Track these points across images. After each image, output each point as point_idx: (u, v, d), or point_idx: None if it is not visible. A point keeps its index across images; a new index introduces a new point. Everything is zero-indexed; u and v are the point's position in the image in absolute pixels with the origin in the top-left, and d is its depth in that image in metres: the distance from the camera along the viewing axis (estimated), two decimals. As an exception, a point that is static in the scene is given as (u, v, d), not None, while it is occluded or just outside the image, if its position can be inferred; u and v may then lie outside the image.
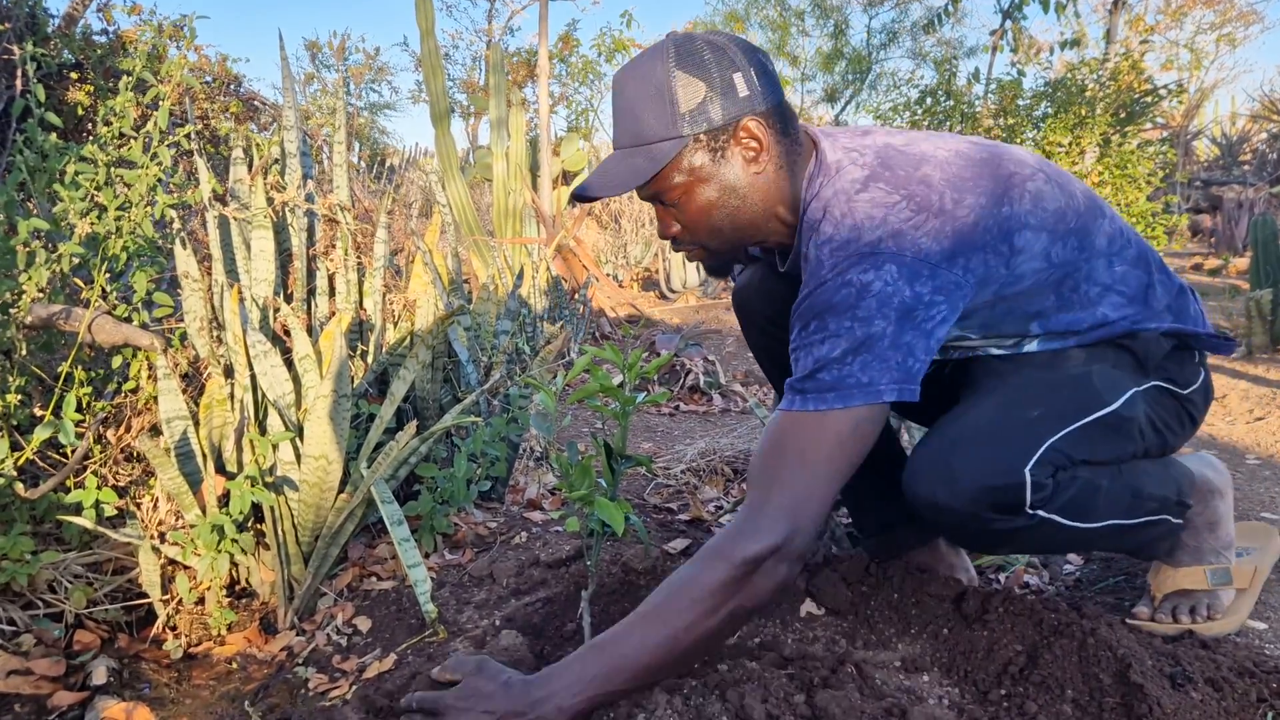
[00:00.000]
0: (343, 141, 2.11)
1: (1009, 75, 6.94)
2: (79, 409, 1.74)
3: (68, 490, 1.64)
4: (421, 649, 1.46)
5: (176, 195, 1.94)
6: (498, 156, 5.96)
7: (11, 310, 1.71)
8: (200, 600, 1.68)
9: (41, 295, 1.75)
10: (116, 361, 1.81)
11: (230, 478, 1.66)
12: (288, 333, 1.82)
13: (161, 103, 1.86)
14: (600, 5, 32.34)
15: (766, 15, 17.83)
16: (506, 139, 5.98)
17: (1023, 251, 1.19)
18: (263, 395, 1.72)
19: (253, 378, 1.72)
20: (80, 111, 4.27)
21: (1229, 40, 15.14)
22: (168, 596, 1.65)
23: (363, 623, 1.60)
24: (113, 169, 1.83)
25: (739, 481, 2.51)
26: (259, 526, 1.75)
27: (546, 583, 1.65)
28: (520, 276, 3.06)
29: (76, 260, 1.79)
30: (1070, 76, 6.52)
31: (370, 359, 1.98)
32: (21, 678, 1.42)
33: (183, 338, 1.84)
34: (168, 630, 1.65)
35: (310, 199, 2.04)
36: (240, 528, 1.63)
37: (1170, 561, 1.43)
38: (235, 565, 1.74)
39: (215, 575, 1.61)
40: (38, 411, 1.74)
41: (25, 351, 1.76)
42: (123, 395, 1.82)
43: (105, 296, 1.83)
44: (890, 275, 1.10)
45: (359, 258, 2.07)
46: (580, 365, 1.35)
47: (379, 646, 1.51)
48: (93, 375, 1.83)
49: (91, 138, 1.84)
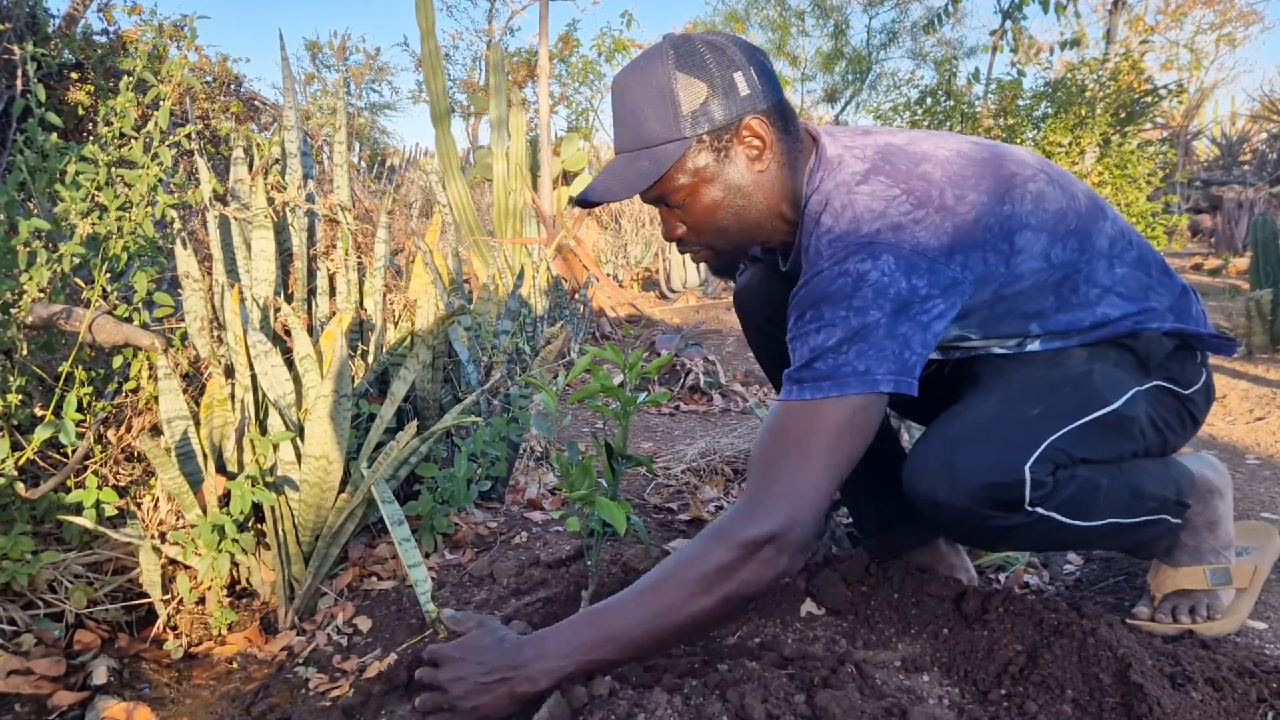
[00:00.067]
0: (343, 141, 2.12)
1: (1009, 75, 6.95)
2: (79, 409, 1.74)
3: (68, 490, 1.64)
4: (422, 649, 1.46)
5: (177, 195, 1.95)
6: (498, 156, 5.97)
7: (12, 310, 1.71)
8: (201, 600, 1.68)
9: (42, 295, 1.75)
10: (117, 361, 1.81)
11: (231, 477, 1.66)
12: (288, 333, 1.82)
13: (162, 103, 1.86)
14: (600, 5, 32.33)
15: (766, 15, 17.84)
16: (507, 139, 5.98)
17: (1023, 251, 1.19)
18: (263, 395, 1.72)
19: (253, 378, 1.72)
20: (81, 111, 4.27)
21: (1229, 40, 15.15)
22: (168, 596, 1.66)
23: (363, 622, 1.60)
24: (113, 169, 1.83)
25: (739, 481, 2.51)
26: (259, 526, 1.75)
27: (547, 582, 1.65)
28: (520, 276, 3.06)
29: (77, 260, 1.79)
30: (1070, 76, 6.53)
31: (371, 359, 1.98)
32: (22, 677, 1.42)
33: (183, 337, 1.84)
34: (168, 630, 1.65)
35: (311, 199, 2.04)
36: (241, 527, 1.63)
37: (1170, 561, 1.43)
38: (236, 565, 1.74)
39: (216, 575, 1.61)
40: (38, 411, 1.74)
41: (26, 351, 1.76)
42: (123, 395, 1.82)
43: (106, 296, 1.83)
44: (887, 266, 1.10)
45: (359, 258, 2.07)
46: (581, 365, 1.35)
47: (379, 646, 1.51)
48: (93, 375, 1.83)
49: (92, 138, 1.84)
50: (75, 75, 4.46)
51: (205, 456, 1.69)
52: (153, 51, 3.56)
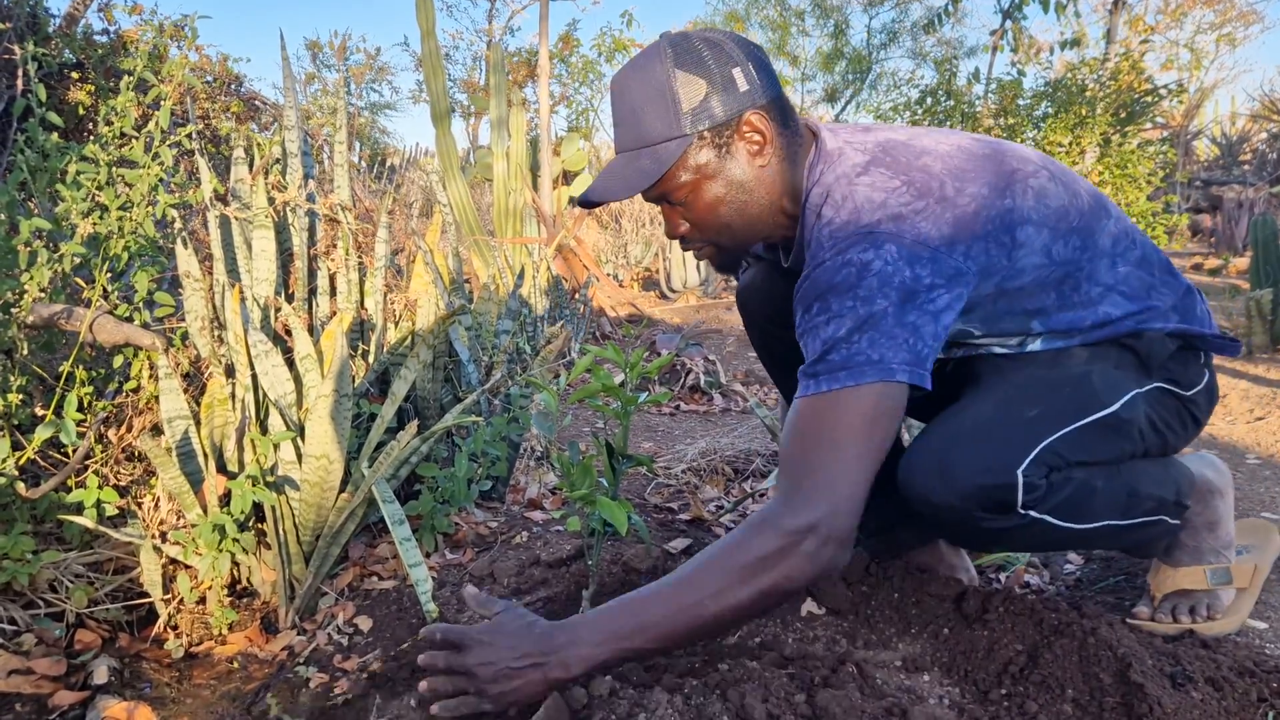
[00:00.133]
0: (344, 141, 2.12)
1: (1009, 75, 6.95)
2: (80, 408, 1.74)
3: (69, 490, 1.64)
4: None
5: (178, 195, 1.95)
6: (498, 156, 5.96)
7: (13, 310, 1.71)
8: (201, 600, 1.68)
9: (43, 295, 1.75)
10: (118, 361, 1.81)
11: (231, 477, 1.66)
12: (289, 332, 1.82)
13: (163, 103, 1.86)
14: (600, 5, 32.35)
15: (766, 15, 17.85)
16: (507, 139, 5.98)
17: (1024, 246, 1.19)
18: (264, 395, 1.72)
19: (254, 377, 1.72)
20: (81, 111, 4.28)
21: (1229, 40, 15.15)
22: (169, 596, 1.66)
23: (364, 622, 1.60)
24: (114, 168, 1.83)
25: (739, 481, 2.51)
26: (260, 526, 1.75)
27: (547, 582, 1.65)
28: (521, 276, 3.06)
29: (78, 260, 1.79)
30: (1070, 76, 6.53)
31: (371, 358, 1.98)
32: (22, 677, 1.42)
33: (184, 337, 1.84)
34: (169, 630, 1.65)
35: (311, 199, 2.04)
36: (241, 527, 1.63)
37: (1170, 561, 1.43)
38: (236, 565, 1.74)
39: (216, 575, 1.61)
40: (39, 411, 1.74)
41: (27, 351, 1.77)
42: (124, 395, 1.82)
43: (107, 296, 1.83)
44: (890, 255, 1.09)
45: (360, 257, 2.07)
46: (582, 365, 1.35)
47: (380, 646, 1.51)
48: (94, 375, 1.83)
49: (93, 137, 1.84)
50: (76, 75, 4.46)
51: (206, 456, 1.69)
52: (153, 51, 3.56)
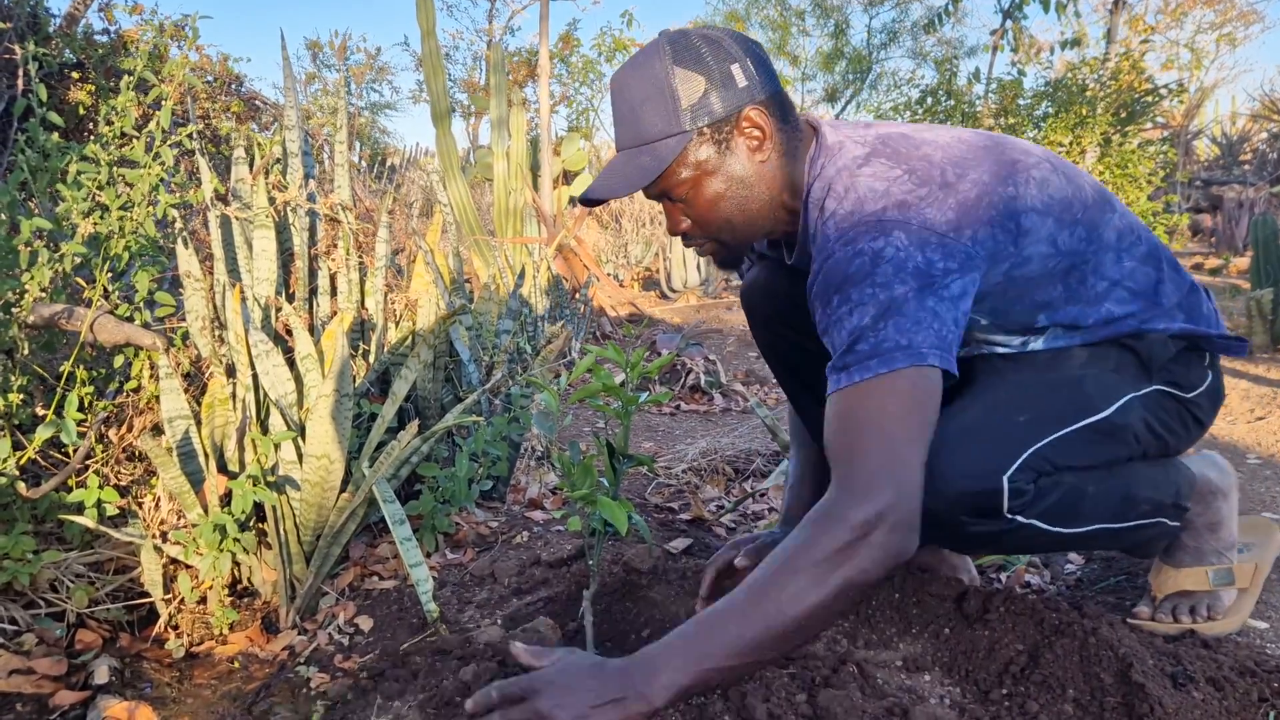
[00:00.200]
0: (344, 141, 2.12)
1: (1009, 75, 6.94)
2: (81, 408, 1.74)
3: (69, 489, 1.64)
4: (422, 647, 1.47)
5: (178, 195, 1.95)
6: (498, 156, 5.96)
7: (14, 309, 1.71)
8: (202, 599, 1.68)
9: (44, 295, 1.75)
10: (118, 361, 1.81)
11: (232, 477, 1.66)
12: (289, 332, 1.82)
13: (164, 102, 1.86)
14: (601, 5, 32.37)
15: (767, 15, 17.84)
16: (507, 139, 5.98)
17: (1029, 233, 1.18)
18: (265, 394, 1.72)
19: (255, 377, 1.72)
20: (82, 111, 4.28)
21: (1229, 40, 15.13)
22: (169, 596, 1.66)
23: (364, 622, 1.60)
24: (115, 168, 1.83)
25: (740, 481, 2.52)
26: (261, 526, 1.75)
27: (548, 582, 1.65)
28: (521, 276, 3.06)
29: (79, 260, 1.79)
30: (1071, 76, 6.52)
31: (372, 358, 1.98)
32: (23, 677, 1.42)
33: (185, 337, 1.84)
34: (169, 629, 1.65)
35: (312, 198, 2.04)
36: (242, 527, 1.63)
37: (1171, 562, 1.42)
38: (237, 564, 1.74)
39: (217, 574, 1.61)
40: (40, 411, 1.74)
41: (27, 351, 1.77)
42: (124, 395, 1.82)
43: (107, 296, 1.83)
44: (900, 241, 1.08)
45: (361, 257, 2.07)
46: (583, 365, 1.35)
47: (381, 646, 1.51)
48: (94, 374, 1.83)
49: (93, 137, 1.84)
50: (76, 75, 4.46)
51: (206, 456, 1.69)
52: (154, 51, 3.56)
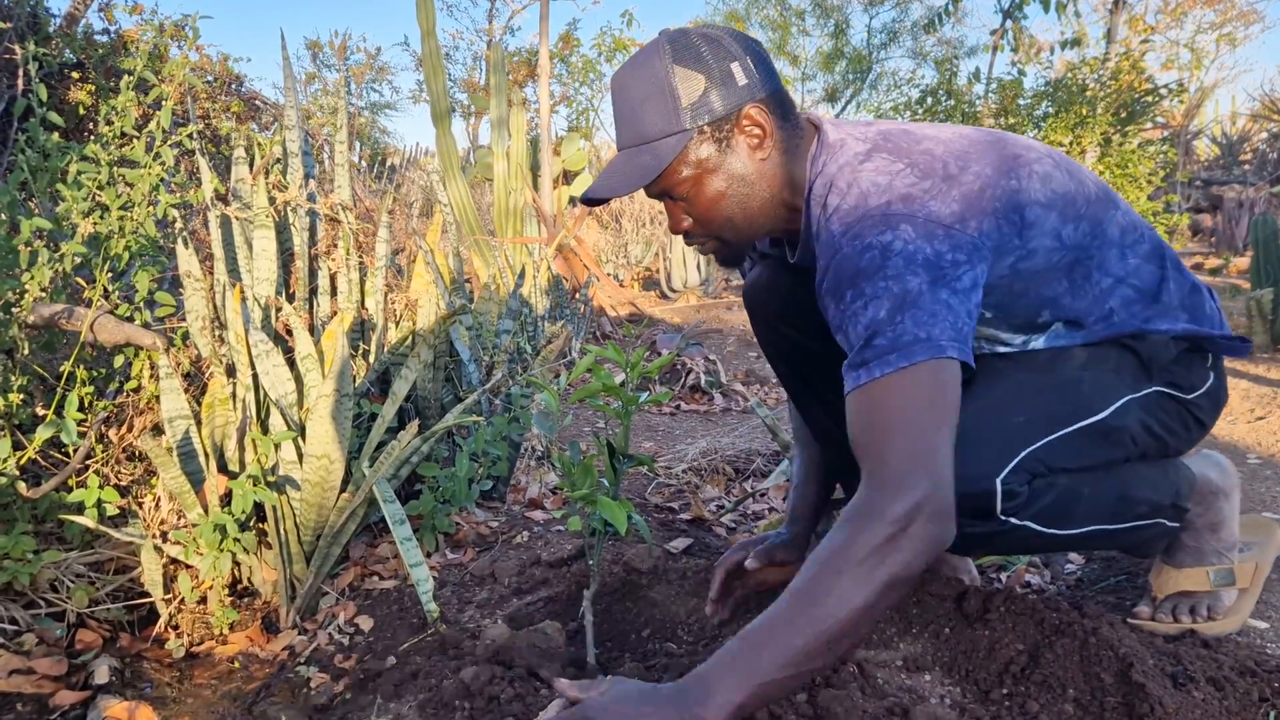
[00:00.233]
0: (344, 141, 2.12)
1: (1010, 75, 6.93)
2: (81, 408, 1.74)
3: (70, 489, 1.64)
4: (422, 648, 1.47)
5: (179, 195, 1.95)
6: (498, 156, 5.96)
7: (14, 309, 1.71)
8: (202, 599, 1.68)
9: (44, 294, 1.75)
10: (118, 361, 1.81)
11: (232, 477, 1.66)
12: (290, 332, 1.82)
13: (164, 102, 1.86)
14: (601, 5, 32.37)
15: (767, 15, 17.84)
16: (507, 138, 5.98)
17: (1034, 226, 1.18)
18: (265, 394, 1.72)
19: (255, 377, 1.72)
20: (82, 111, 4.28)
21: (1229, 40, 15.12)
22: (170, 596, 1.66)
23: (365, 622, 1.60)
24: (115, 168, 1.83)
25: (740, 481, 2.52)
26: (261, 526, 1.75)
27: (548, 582, 1.65)
28: (522, 276, 3.06)
29: (79, 259, 1.79)
30: (1071, 76, 6.51)
31: (372, 358, 1.98)
32: (24, 677, 1.42)
33: (185, 337, 1.84)
34: (170, 629, 1.65)
35: (312, 198, 2.04)
36: (242, 527, 1.63)
37: (1172, 562, 1.42)
38: (237, 564, 1.74)
39: (217, 574, 1.61)
40: (40, 411, 1.74)
41: (27, 351, 1.77)
42: (125, 394, 1.82)
43: (107, 296, 1.83)
44: (908, 234, 1.08)
45: (361, 257, 2.07)
46: (583, 365, 1.35)
47: (381, 646, 1.51)
48: (95, 374, 1.83)
49: (93, 137, 1.84)
50: (76, 75, 4.46)
51: (207, 456, 1.69)
52: (154, 51, 3.56)
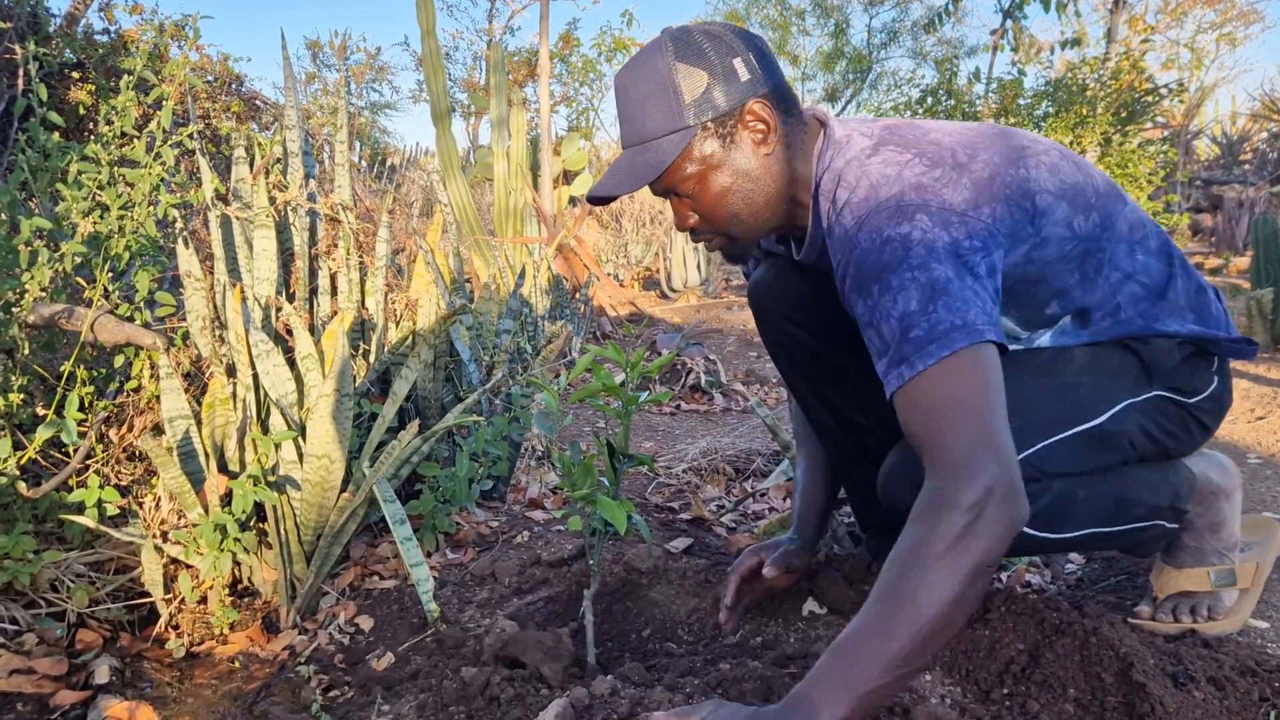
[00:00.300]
0: (344, 141, 2.12)
1: (1010, 75, 6.94)
2: (81, 408, 1.74)
3: (70, 489, 1.64)
4: (422, 647, 1.47)
5: (179, 195, 1.95)
6: (499, 156, 5.96)
7: (14, 309, 1.71)
8: (203, 599, 1.68)
9: (44, 294, 1.75)
10: (119, 361, 1.81)
11: (233, 477, 1.66)
12: (290, 332, 1.82)
13: (164, 102, 1.86)
14: (601, 4, 32.38)
15: (767, 15, 17.85)
16: (507, 138, 5.97)
17: (1045, 214, 1.17)
18: (265, 394, 1.72)
19: (255, 377, 1.72)
20: (82, 111, 4.27)
21: (1229, 39, 15.11)
22: (170, 595, 1.66)
23: (365, 622, 1.60)
24: (115, 168, 1.83)
25: (741, 480, 2.51)
26: (261, 525, 1.75)
27: (549, 582, 1.65)
28: (522, 276, 3.06)
29: (79, 259, 1.79)
30: (1071, 76, 6.52)
31: (372, 358, 1.98)
32: (24, 677, 1.42)
33: (185, 337, 1.84)
34: (170, 629, 1.65)
35: (312, 198, 2.04)
36: (243, 527, 1.63)
37: (1172, 562, 1.42)
38: (238, 564, 1.74)
39: (217, 574, 1.61)
40: (40, 411, 1.74)
41: (28, 351, 1.77)
42: (125, 394, 1.82)
43: (108, 295, 1.83)
44: (924, 223, 1.07)
45: (361, 257, 2.07)
46: (583, 364, 1.35)
47: (381, 645, 1.51)
48: (95, 374, 1.83)
49: (94, 137, 1.84)
50: (76, 75, 4.46)
51: (207, 456, 1.69)
52: (154, 51, 3.56)
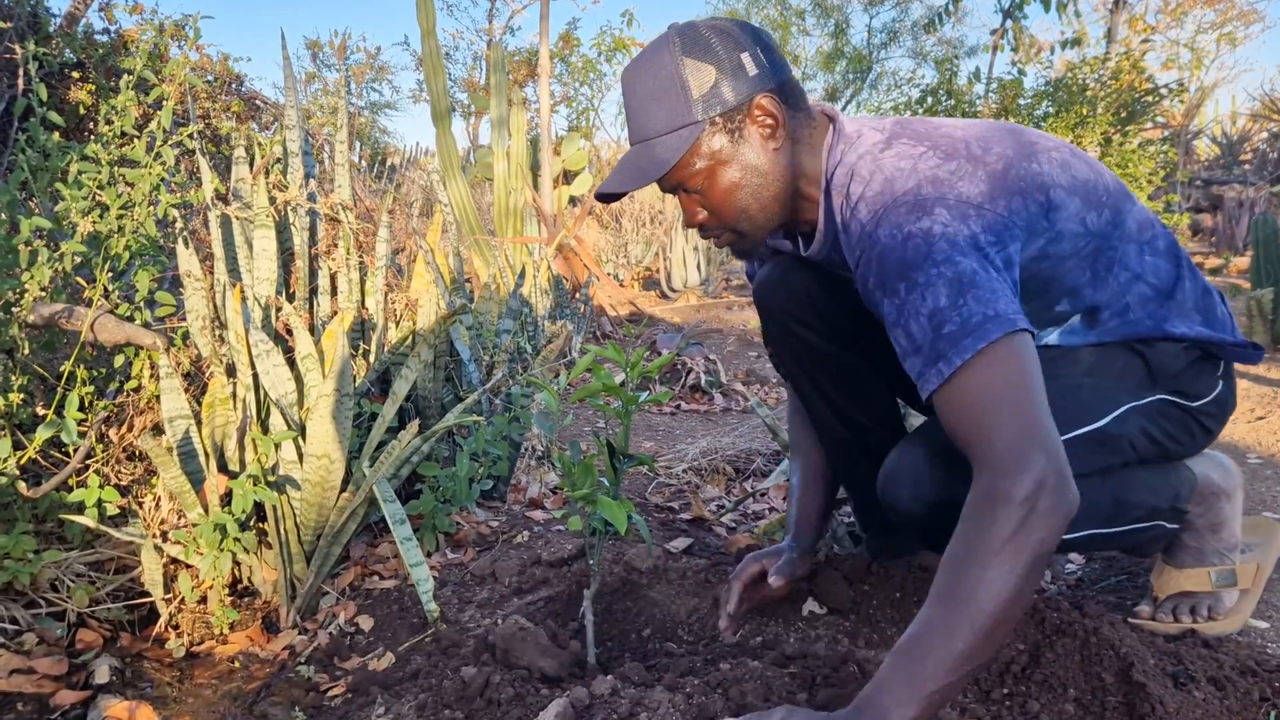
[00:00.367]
0: (344, 141, 2.12)
1: (1010, 75, 6.93)
2: (81, 408, 1.74)
3: (70, 489, 1.64)
4: (422, 647, 1.47)
5: (179, 194, 1.95)
6: (499, 156, 5.96)
7: (14, 309, 1.71)
8: (202, 599, 1.68)
9: (44, 294, 1.75)
10: (119, 360, 1.81)
11: (233, 476, 1.66)
12: (290, 332, 1.82)
13: (165, 102, 1.86)
14: (601, 4, 32.38)
15: (767, 14, 17.85)
16: (507, 138, 5.97)
17: (1060, 208, 1.17)
18: (265, 394, 1.72)
19: (255, 377, 1.72)
20: (82, 111, 4.27)
21: (1229, 39, 15.10)
22: (170, 595, 1.66)
23: (365, 622, 1.60)
24: (115, 168, 1.83)
25: (741, 480, 2.51)
26: (261, 525, 1.75)
27: (549, 581, 1.65)
28: (522, 276, 3.05)
29: (79, 259, 1.79)
30: (1071, 76, 6.51)
31: (372, 358, 1.98)
32: (24, 676, 1.42)
33: (185, 337, 1.84)
34: (170, 629, 1.65)
35: (312, 198, 2.04)
36: (243, 526, 1.63)
37: (1173, 562, 1.42)
38: (237, 564, 1.74)
39: (217, 574, 1.61)
40: (40, 410, 1.74)
41: (28, 350, 1.76)
42: (125, 394, 1.82)
43: (108, 295, 1.83)
44: (944, 217, 1.07)
45: (361, 257, 2.07)
46: (583, 364, 1.34)
47: (381, 645, 1.51)
48: (95, 374, 1.83)
49: (94, 137, 1.84)
50: (77, 74, 4.46)
51: (207, 455, 1.69)
52: (154, 51, 3.56)
